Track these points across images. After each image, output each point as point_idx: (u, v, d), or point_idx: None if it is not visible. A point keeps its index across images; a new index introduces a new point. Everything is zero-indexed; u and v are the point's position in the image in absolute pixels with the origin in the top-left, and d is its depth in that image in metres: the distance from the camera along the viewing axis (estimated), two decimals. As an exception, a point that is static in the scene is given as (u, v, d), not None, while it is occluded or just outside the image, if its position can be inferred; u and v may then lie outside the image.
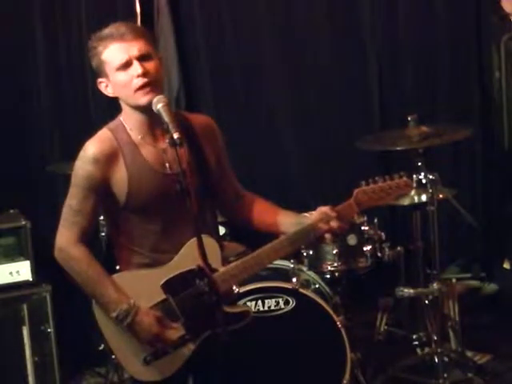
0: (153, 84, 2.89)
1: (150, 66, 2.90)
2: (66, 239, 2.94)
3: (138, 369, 2.95)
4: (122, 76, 2.90)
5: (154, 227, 2.99)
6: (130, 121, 2.99)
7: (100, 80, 2.98)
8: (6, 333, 4.25)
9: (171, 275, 2.97)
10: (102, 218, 4.13)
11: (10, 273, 4.26)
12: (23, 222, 4.31)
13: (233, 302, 3.06)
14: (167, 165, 2.97)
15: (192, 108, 5.33)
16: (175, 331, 2.94)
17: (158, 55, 2.98)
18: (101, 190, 2.93)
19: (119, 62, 2.89)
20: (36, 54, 5.06)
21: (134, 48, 2.88)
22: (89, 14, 5.07)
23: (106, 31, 2.92)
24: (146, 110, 2.93)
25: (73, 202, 2.94)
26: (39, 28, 5.04)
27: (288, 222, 3.13)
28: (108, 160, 2.93)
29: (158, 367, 2.95)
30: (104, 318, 2.95)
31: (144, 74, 2.87)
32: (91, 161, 2.92)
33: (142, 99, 2.90)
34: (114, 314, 2.89)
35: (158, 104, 2.85)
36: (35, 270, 4.27)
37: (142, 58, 2.89)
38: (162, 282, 2.96)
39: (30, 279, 4.28)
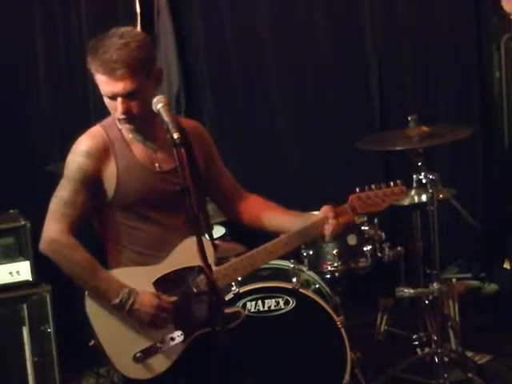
0: (134, 120, 2.94)
1: (134, 104, 2.92)
2: (57, 230, 2.95)
3: (127, 366, 2.95)
4: (108, 102, 2.96)
5: (141, 225, 3.01)
6: None
7: None
8: (6, 333, 4.25)
9: (164, 273, 2.98)
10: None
11: (10, 273, 4.26)
12: (23, 222, 4.31)
13: (226, 302, 3.05)
14: (157, 164, 3.02)
15: (192, 108, 5.34)
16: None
17: (155, 67, 2.99)
18: (92, 183, 2.97)
19: (104, 93, 2.94)
20: (36, 54, 5.06)
21: (119, 87, 2.88)
22: (89, 14, 5.07)
23: (102, 51, 2.87)
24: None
25: (64, 194, 2.97)
26: (39, 28, 5.05)
27: (289, 223, 3.15)
28: (100, 154, 2.97)
29: (147, 365, 2.95)
30: (97, 314, 2.95)
31: (125, 112, 2.92)
32: (84, 154, 2.96)
33: (125, 127, 2.99)
34: (117, 300, 2.91)
35: (158, 104, 2.87)
36: (35, 270, 4.27)
37: (126, 96, 2.90)
38: (155, 279, 2.98)
39: (30, 279, 4.28)
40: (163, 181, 3.00)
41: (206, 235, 3.10)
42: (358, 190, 3.17)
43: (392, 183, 3.21)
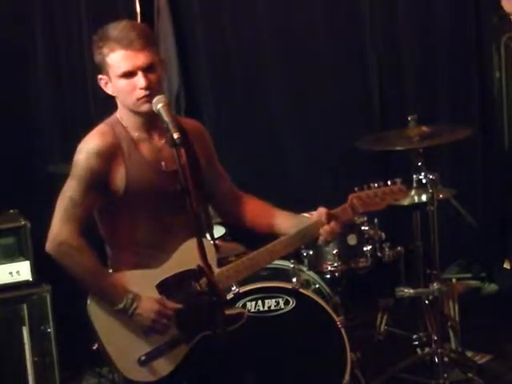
0: (154, 95, 2.90)
1: (153, 77, 2.90)
2: (67, 232, 2.91)
3: (132, 369, 2.95)
4: (125, 83, 2.91)
5: (147, 224, 3.00)
6: (126, 119, 3.00)
7: (101, 77, 2.98)
8: (5, 333, 4.25)
9: (166, 276, 2.98)
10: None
11: (10, 273, 4.26)
12: (23, 222, 4.31)
13: (228, 303, 3.04)
14: (163, 163, 2.99)
15: (192, 108, 5.34)
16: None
17: (159, 57, 2.99)
18: (101, 183, 2.94)
19: (123, 70, 2.89)
20: (36, 54, 5.05)
21: (140, 59, 2.87)
22: (89, 14, 5.07)
23: (115, 32, 2.89)
24: (144, 113, 2.95)
25: (72, 195, 2.93)
26: (39, 28, 5.04)
27: (284, 224, 3.15)
28: (109, 153, 2.94)
29: (152, 368, 2.95)
30: (100, 317, 2.95)
31: (147, 87, 2.89)
32: (94, 153, 2.92)
33: (143, 107, 2.93)
34: (120, 306, 2.91)
35: (158, 104, 2.86)
36: (35, 270, 4.27)
37: (146, 69, 2.89)
38: (157, 283, 2.97)
39: (30, 279, 4.28)
40: (168, 180, 2.96)
41: (208, 235, 3.09)
42: (356, 189, 3.17)
43: (390, 182, 3.21)
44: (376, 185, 3.18)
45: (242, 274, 3.07)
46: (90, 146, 2.95)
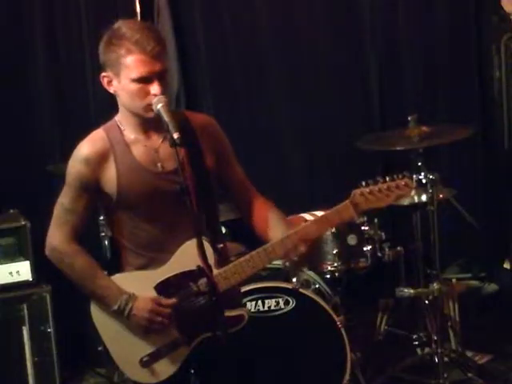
0: None
1: (164, 84, 2.88)
2: (58, 238, 2.98)
3: (135, 371, 2.96)
4: (137, 88, 2.87)
5: (147, 226, 2.99)
6: (124, 120, 2.99)
7: (105, 74, 2.93)
8: (6, 333, 4.25)
9: (165, 277, 2.97)
10: (102, 217, 4.16)
11: (10, 273, 4.27)
12: (23, 222, 4.32)
13: (227, 305, 3.01)
14: (159, 164, 2.97)
15: (192, 108, 5.33)
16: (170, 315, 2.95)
17: (168, 61, 2.98)
18: (92, 189, 2.95)
19: (139, 75, 2.85)
20: (36, 54, 5.06)
21: (157, 65, 2.84)
22: (89, 14, 5.07)
23: (133, 34, 2.83)
24: (149, 118, 2.94)
25: (65, 201, 2.97)
26: (39, 28, 5.05)
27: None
28: (99, 160, 2.94)
29: (154, 369, 2.95)
30: (102, 320, 2.97)
31: (162, 93, 2.86)
32: (83, 161, 2.93)
33: (150, 113, 2.89)
34: (115, 307, 2.92)
35: (158, 104, 2.84)
36: (35, 270, 4.28)
37: (161, 76, 2.87)
38: (156, 284, 2.96)
39: (30, 279, 4.29)
40: (166, 181, 2.95)
41: (212, 236, 3.05)
42: (363, 183, 3.00)
43: (400, 175, 3.01)
44: (381, 179, 3.01)
45: (239, 275, 3.03)
46: (79, 153, 2.96)
